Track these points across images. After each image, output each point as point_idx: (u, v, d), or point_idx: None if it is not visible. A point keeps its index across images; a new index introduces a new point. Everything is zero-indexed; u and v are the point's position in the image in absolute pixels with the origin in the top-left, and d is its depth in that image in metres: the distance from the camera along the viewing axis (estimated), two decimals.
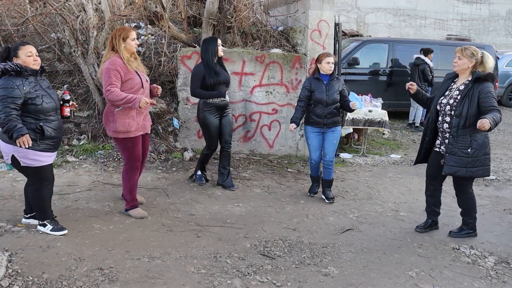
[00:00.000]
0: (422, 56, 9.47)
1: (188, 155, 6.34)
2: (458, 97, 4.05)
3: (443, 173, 4.23)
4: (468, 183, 4.25)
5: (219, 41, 5.15)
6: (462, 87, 4.07)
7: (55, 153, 3.95)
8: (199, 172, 5.49)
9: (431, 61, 9.54)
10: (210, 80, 5.01)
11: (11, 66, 3.60)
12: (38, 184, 3.86)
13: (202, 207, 4.81)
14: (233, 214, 4.66)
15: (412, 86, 4.47)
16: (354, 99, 7.25)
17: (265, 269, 3.55)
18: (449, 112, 4.10)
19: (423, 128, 10.37)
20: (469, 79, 4.06)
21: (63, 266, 3.41)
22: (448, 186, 5.92)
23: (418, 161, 4.54)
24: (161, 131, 6.48)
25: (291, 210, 4.85)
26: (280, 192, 5.41)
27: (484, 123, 3.68)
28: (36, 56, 3.78)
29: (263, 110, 6.74)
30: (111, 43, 4.27)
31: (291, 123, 5.09)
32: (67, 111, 4.01)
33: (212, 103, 5.12)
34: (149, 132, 4.62)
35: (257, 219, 4.58)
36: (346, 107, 5.15)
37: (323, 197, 5.23)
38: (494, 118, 3.76)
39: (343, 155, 7.14)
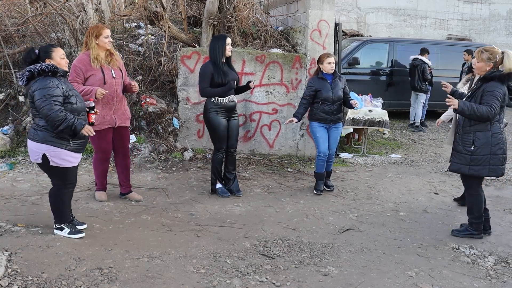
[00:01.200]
0: (420, 56, 9.52)
1: (188, 155, 6.34)
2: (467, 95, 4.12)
3: (447, 170, 4.25)
4: (474, 182, 4.19)
5: (229, 40, 4.95)
6: (474, 86, 4.13)
7: (80, 155, 3.96)
8: (219, 185, 5.17)
9: (428, 60, 9.59)
10: (219, 80, 4.88)
11: (47, 67, 3.66)
12: (62, 186, 3.88)
13: (202, 207, 4.81)
14: (233, 214, 4.66)
15: (447, 88, 4.50)
16: (354, 98, 7.26)
17: (264, 269, 3.55)
18: None
19: (423, 128, 10.39)
20: None
21: (63, 266, 3.41)
22: (447, 185, 5.93)
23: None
24: (161, 131, 6.48)
25: (291, 210, 4.85)
26: (280, 192, 5.41)
27: (453, 100, 3.86)
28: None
29: (263, 110, 6.74)
30: (85, 40, 4.51)
31: (293, 117, 5.30)
32: (93, 118, 4.06)
33: (221, 104, 4.96)
34: (125, 125, 4.73)
35: (257, 219, 4.58)
36: (347, 103, 5.42)
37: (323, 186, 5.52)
38: (472, 106, 3.88)
39: (343, 155, 7.14)
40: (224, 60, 4.95)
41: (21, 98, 6.54)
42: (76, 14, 6.72)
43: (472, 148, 4.02)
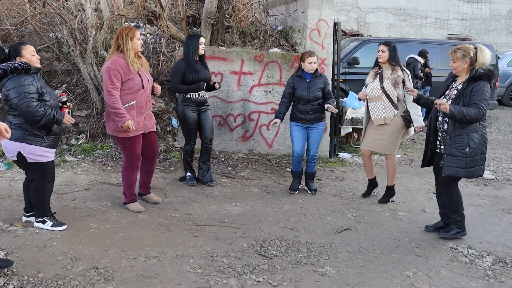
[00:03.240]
0: (414, 55, 9.67)
1: None
2: (454, 97, 4.04)
3: (442, 175, 4.17)
4: (456, 182, 4.18)
5: (202, 39, 5.17)
6: (460, 87, 4.05)
7: (54, 150, 4.02)
8: (188, 173, 5.46)
9: (426, 61, 9.82)
10: (190, 77, 5.10)
11: (20, 65, 3.64)
12: (42, 180, 3.92)
13: (199, 206, 4.80)
14: (231, 214, 4.65)
15: (413, 93, 4.44)
16: (353, 98, 7.25)
17: (261, 269, 3.54)
18: None
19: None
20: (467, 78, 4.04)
21: (59, 265, 3.40)
22: None
23: (424, 164, 4.43)
24: (159, 130, 6.46)
25: (288, 210, 4.84)
26: (278, 191, 5.40)
27: (443, 103, 3.85)
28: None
29: (262, 109, 6.73)
30: (117, 43, 4.27)
31: (275, 118, 5.24)
32: (66, 112, 4.04)
33: (191, 98, 5.19)
34: (154, 130, 4.67)
35: (254, 218, 4.56)
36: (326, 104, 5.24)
37: (306, 188, 5.43)
38: (462, 110, 3.85)
39: (343, 155, 7.12)
40: (198, 58, 5.17)
41: None
42: (74, 13, 6.70)
43: (468, 150, 3.94)
